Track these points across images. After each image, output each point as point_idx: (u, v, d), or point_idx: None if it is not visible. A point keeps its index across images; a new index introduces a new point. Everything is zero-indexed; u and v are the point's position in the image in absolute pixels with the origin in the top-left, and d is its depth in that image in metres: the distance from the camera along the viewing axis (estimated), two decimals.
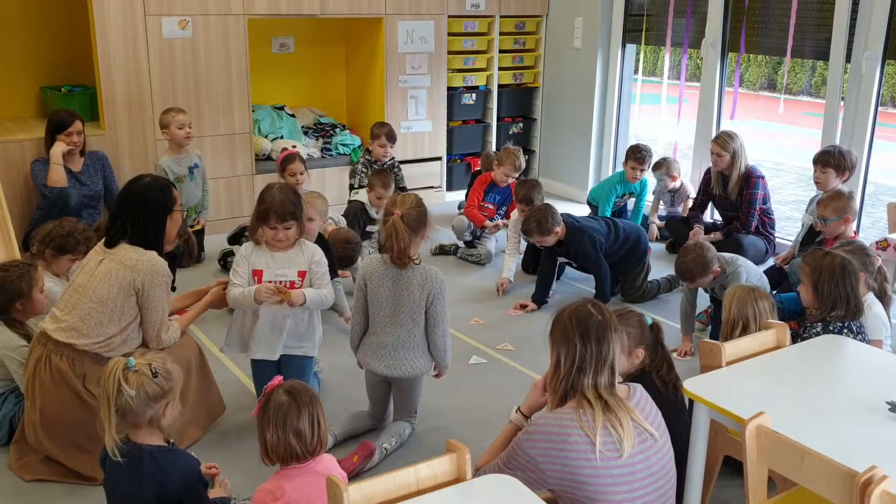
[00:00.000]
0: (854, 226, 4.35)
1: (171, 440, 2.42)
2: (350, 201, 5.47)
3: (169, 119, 5.19)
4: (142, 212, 2.98)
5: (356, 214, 5.25)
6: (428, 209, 3.16)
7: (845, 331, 2.99)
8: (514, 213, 5.12)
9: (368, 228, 5.29)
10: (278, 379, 2.31)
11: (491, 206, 5.65)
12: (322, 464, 2.22)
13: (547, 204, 4.64)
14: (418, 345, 3.14)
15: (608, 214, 5.66)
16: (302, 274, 3.17)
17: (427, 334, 3.15)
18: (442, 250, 5.64)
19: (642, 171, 5.69)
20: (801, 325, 3.11)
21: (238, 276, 3.16)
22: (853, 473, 1.84)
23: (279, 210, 3.10)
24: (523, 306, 4.63)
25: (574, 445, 2.03)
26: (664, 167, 5.87)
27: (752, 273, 4.05)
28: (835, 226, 4.16)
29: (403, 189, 5.78)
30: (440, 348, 3.16)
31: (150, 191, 3.03)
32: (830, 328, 2.99)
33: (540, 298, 4.67)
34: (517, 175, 5.53)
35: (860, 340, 2.95)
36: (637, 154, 5.66)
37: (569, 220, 4.63)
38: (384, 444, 3.15)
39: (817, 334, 2.93)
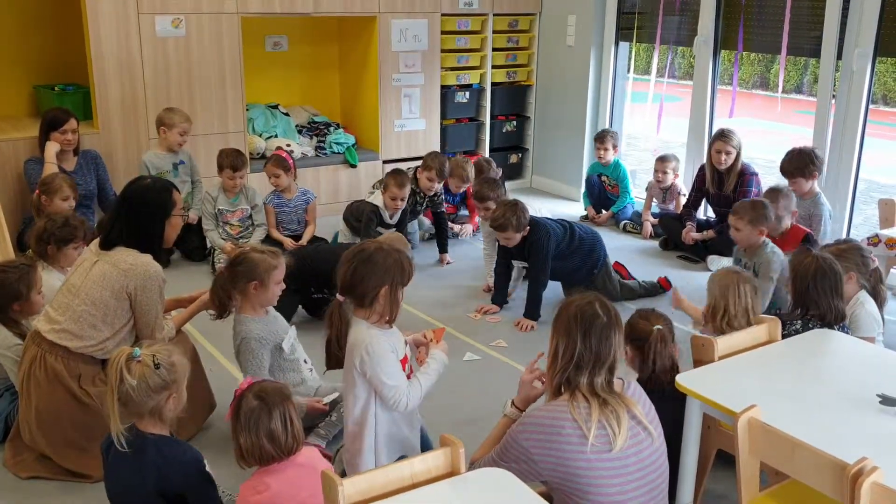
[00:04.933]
0: (790, 220, 4.38)
1: (173, 434, 2.43)
2: (360, 201, 5.27)
3: (174, 122, 5.21)
4: (140, 214, 2.98)
5: (369, 218, 5.01)
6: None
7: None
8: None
9: (379, 229, 5.11)
10: (248, 381, 2.31)
11: (450, 205, 5.86)
12: (304, 455, 2.23)
13: (519, 200, 4.49)
14: None
15: (586, 192, 6.37)
16: None
17: None
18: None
19: (605, 149, 6.13)
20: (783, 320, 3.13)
21: (398, 370, 2.52)
22: (844, 465, 1.86)
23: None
24: (485, 311, 4.53)
25: (567, 437, 2.04)
26: (672, 163, 5.93)
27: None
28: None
29: (441, 213, 5.45)
30: None
31: (150, 193, 3.02)
32: (810, 326, 3.00)
33: (500, 300, 4.61)
34: (465, 185, 5.62)
35: None
36: (598, 135, 6.20)
37: (531, 217, 4.50)
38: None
39: (796, 332, 2.94)
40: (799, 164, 4.69)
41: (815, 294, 2.99)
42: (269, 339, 3.09)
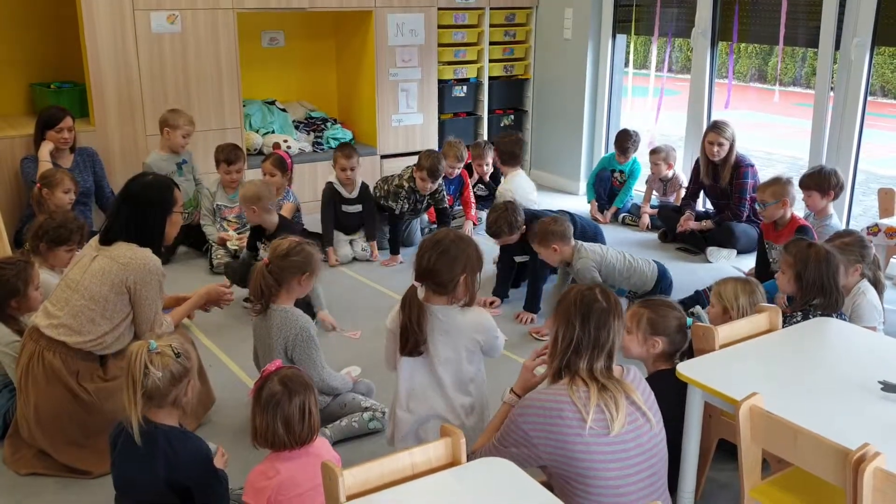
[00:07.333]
0: (790, 211, 4.39)
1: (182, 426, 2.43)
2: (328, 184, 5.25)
3: (178, 123, 5.17)
4: (142, 211, 2.97)
5: (328, 197, 5.09)
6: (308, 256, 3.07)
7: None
8: None
9: (345, 209, 5.15)
10: (277, 363, 2.32)
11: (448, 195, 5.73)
12: (315, 446, 2.23)
13: (510, 202, 4.49)
14: None
15: (592, 182, 6.30)
16: None
17: None
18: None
19: (628, 158, 6.14)
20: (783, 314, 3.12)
21: None
22: (846, 451, 1.85)
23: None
24: (490, 303, 4.51)
25: (567, 421, 2.05)
26: (662, 153, 5.90)
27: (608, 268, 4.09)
28: (773, 209, 4.38)
29: (444, 210, 5.44)
30: (327, 392, 3.16)
31: (151, 190, 3.02)
32: (811, 316, 2.99)
33: (502, 293, 4.60)
34: (460, 164, 5.65)
35: None
36: (624, 142, 6.09)
37: (528, 211, 4.53)
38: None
39: (796, 322, 2.93)
40: (818, 180, 4.63)
41: (827, 282, 3.00)
42: None
